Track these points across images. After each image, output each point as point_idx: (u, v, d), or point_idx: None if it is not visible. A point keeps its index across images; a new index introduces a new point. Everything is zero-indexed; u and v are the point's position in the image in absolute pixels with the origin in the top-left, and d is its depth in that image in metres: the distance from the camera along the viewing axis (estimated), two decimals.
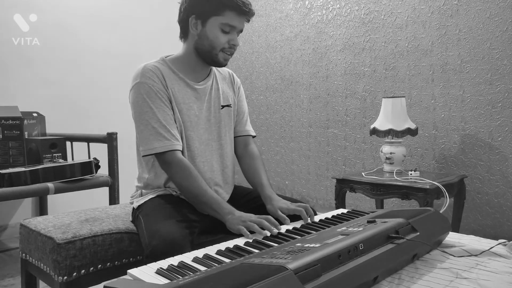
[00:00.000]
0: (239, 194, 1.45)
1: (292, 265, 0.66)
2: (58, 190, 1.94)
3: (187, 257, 0.87)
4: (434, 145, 2.27)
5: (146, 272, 0.79)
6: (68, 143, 2.34)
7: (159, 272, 0.78)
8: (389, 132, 2.04)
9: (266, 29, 3.15)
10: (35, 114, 2.38)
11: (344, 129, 2.69)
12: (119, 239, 1.31)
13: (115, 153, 2.22)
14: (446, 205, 1.78)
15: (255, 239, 1.00)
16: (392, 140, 2.06)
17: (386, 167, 2.09)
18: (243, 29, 1.31)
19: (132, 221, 1.39)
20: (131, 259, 1.33)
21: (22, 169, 1.90)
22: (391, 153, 2.05)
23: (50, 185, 1.92)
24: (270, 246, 0.93)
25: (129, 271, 0.79)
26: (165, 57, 1.35)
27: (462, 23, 2.12)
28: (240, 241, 0.99)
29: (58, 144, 2.19)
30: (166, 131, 1.24)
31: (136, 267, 0.82)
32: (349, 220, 1.14)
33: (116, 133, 2.24)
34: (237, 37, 1.31)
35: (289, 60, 3.00)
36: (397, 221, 0.95)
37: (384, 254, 0.83)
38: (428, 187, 1.77)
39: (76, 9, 2.86)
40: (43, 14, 2.72)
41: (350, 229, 0.92)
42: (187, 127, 1.31)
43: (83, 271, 1.23)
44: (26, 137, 2.23)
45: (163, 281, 0.75)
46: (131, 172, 1.55)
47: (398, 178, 1.92)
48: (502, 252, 1.01)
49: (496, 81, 2.03)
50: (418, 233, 0.94)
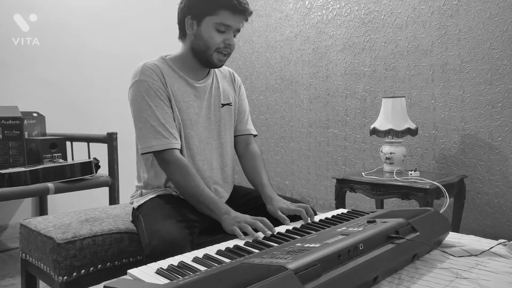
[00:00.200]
0: (239, 194, 1.45)
1: (292, 265, 0.66)
2: (58, 190, 1.94)
3: (187, 257, 0.87)
4: (434, 145, 2.27)
5: (146, 272, 0.79)
6: (68, 143, 2.34)
7: (159, 272, 0.78)
8: (389, 132, 2.04)
9: (266, 29, 3.14)
10: (35, 114, 2.38)
11: (344, 129, 2.68)
12: (119, 239, 1.31)
13: (115, 153, 2.23)
14: (446, 205, 1.78)
15: (255, 239, 1.00)
16: (392, 140, 2.06)
17: (386, 167, 2.09)
18: (240, 28, 1.30)
19: (132, 221, 1.39)
20: (131, 259, 1.33)
21: (22, 169, 1.90)
22: (391, 153, 2.05)
23: (50, 185, 1.92)
24: (270, 246, 0.93)
25: (129, 271, 0.79)
26: (165, 56, 1.36)
27: (462, 23, 2.12)
28: (240, 241, 0.98)
29: (58, 144, 2.19)
30: (164, 129, 1.24)
31: (136, 267, 0.82)
32: (349, 220, 1.14)
33: (116, 133, 2.24)
34: (234, 37, 1.30)
35: (289, 60, 3.00)
36: (397, 221, 0.95)
37: (384, 254, 0.83)
38: (428, 187, 1.77)
39: (76, 9, 2.87)
40: (43, 14, 2.72)
41: (350, 229, 0.92)
42: (186, 125, 1.31)
43: (83, 271, 1.23)
44: (26, 137, 2.23)
45: (163, 281, 0.75)
46: (131, 172, 1.55)
47: (398, 178, 1.92)
48: (502, 252, 1.01)
49: (496, 81, 2.03)
50: (418, 233, 0.94)
